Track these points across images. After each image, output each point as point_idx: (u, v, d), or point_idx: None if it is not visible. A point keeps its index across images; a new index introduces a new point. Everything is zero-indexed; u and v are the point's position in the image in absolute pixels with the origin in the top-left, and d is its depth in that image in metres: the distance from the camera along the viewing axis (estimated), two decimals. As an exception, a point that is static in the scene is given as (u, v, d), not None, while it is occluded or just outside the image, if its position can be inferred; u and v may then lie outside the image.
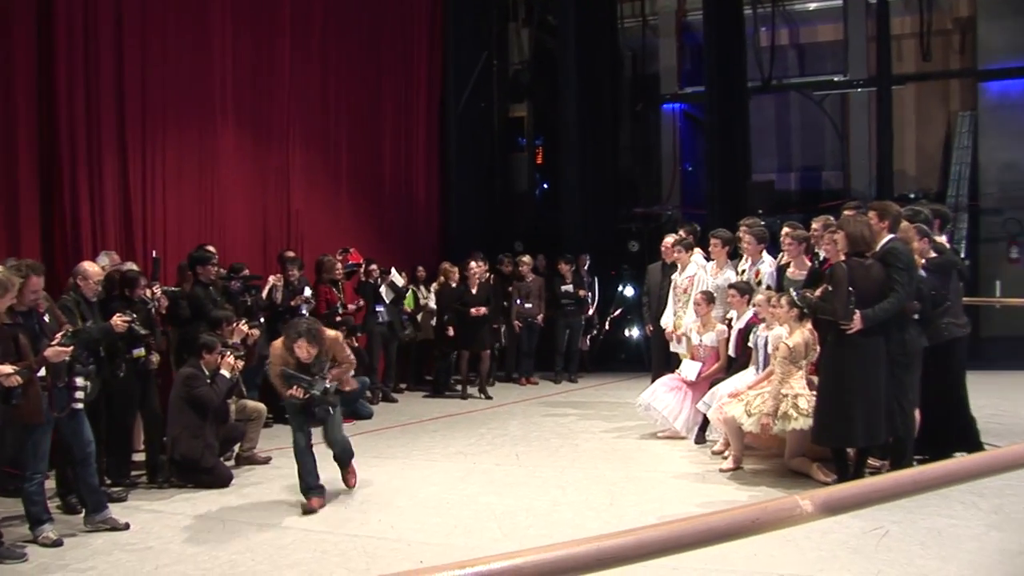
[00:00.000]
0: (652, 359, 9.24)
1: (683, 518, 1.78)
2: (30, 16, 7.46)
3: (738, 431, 6.52)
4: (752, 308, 7.06)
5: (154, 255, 7.49)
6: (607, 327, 12.71)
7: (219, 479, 6.47)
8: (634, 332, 12.93)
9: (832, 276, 5.85)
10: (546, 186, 15.41)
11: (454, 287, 10.72)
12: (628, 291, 12.98)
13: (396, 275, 10.58)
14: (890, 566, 4.46)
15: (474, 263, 10.61)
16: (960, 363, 6.54)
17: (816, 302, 5.97)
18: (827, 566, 4.50)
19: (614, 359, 12.91)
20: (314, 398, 5.76)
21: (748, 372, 6.98)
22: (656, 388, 7.86)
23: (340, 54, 11.20)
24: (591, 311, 12.08)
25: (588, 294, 11.86)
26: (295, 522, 5.56)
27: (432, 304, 11.11)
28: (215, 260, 7.63)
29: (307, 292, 8.96)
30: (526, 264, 11.44)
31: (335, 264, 9.55)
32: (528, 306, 11.37)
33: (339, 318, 9.11)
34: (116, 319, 5.91)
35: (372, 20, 11.86)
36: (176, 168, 8.77)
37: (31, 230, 7.37)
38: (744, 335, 7.18)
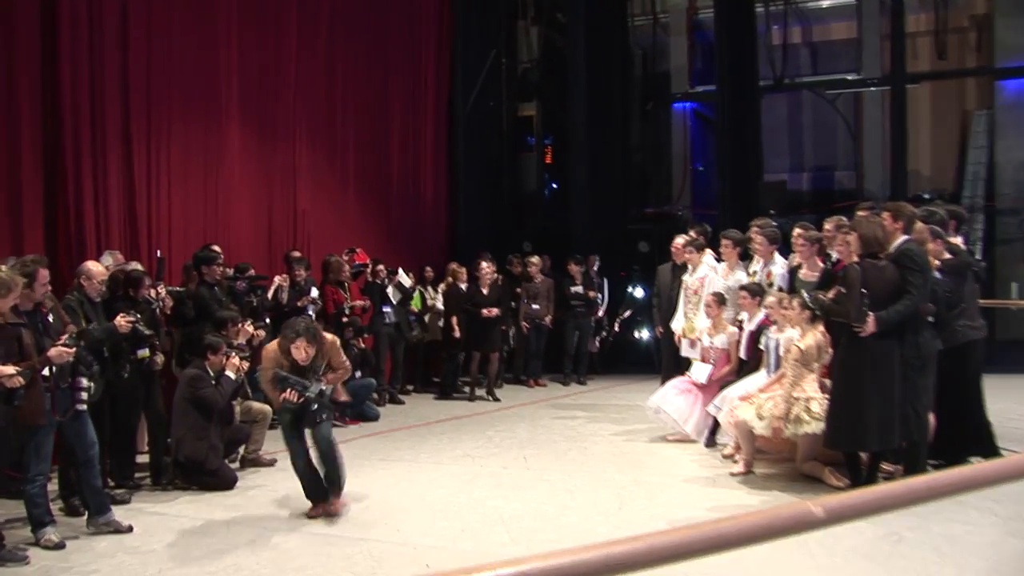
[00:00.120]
0: (662, 361, 9.22)
1: (693, 524, 1.77)
2: (34, 10, 7.47)
3: (749, 435, 6.50)
4: (763, 310, 7.03)
5: (159, 255, 7.51)
6: (616, 329, 12.69)
7: (223, 481, 6.47)
8: (644, 334, 12.90)
9: (845, 278, 5.83)
10: (555, 186, 15.39)
11: (462, 288, 10.73)
12: (638, 292, 12.95)
13: (403, 276, 10.58)
14: (904, 573, 4.43)
15: (485, 263, 10.62)
16: (976, 366, 6.50)
17: (829, 304, 5.96)
18: (839, 573, 4.47)
19: (624, 361, 12.87)
20: (308, 401, 5.58)
21: (759, 375, 6.96)
22: (666, 391, 7.85)
23: (347, 53, 11.20)
24: (600, 312, 12.08)
25: (598, 295, 11.85)
26: (300, 525, 5.56)
27: (440, 305, 11.11)
28: (220, 260, 7.62)
29: (314, 293, 8.97)
30: (535, 265, 11.42)
31: (343, 265, 9.54)
32: (536, 307, 11.36)
33: (346, 319, 9.12)
34: (120, 319, 5.93)
35: (379, 18, 11.87)
36: (181, 167, 8.79)
37: (34, 229, 7.38)
38: (755, 337, 7.16)
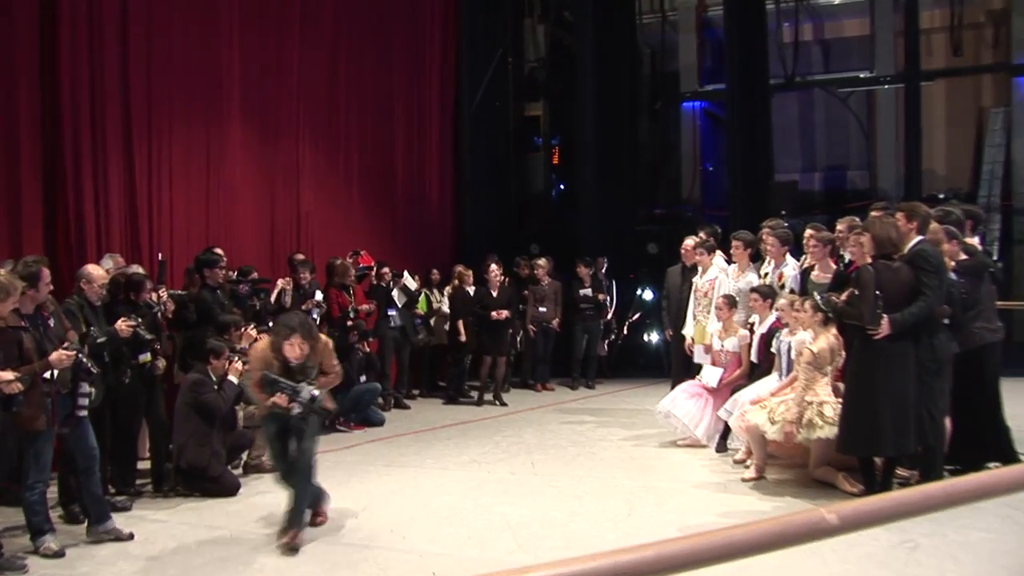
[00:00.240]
0: (672, 365, 9.20)
1: (704, 532, 1.76)
2: (33, 9, 7.48)
3: (761, 439, 6.47)
4: (775, 312, 7.01)
5: (160, 257, 7.53)
6: (625, 332, 12.68)
7: (226, 488, 6.47)
8: (653, 337, 12.88)
9: (858, 279, 5.81)
10: (562, 187, 15.40)
11: (469, 291, 10.73)
12: (647, 295, 12.94)
13: (409, 278, 10.59)
14: (920, 581, 4.41)
15: (494, 265, 10.64)
16: (993, 369, 6.46)
17: (842, 306, 5.93)
18: (854, 581, 4.45)
19: (633, 365, 12.87)
20: (300, 403, 5.26)
21: (771, 378, 6.93)
22: (676, 395, 7.83)
23: (351, 52, 11.22)
24: (609, 315, 12.06)
25: (606, 298, 11.84)
26: (303, 533, 5.54)
27: (446, 308, 11.11)
28: (223, 263, 7.62)
29: (318, 296, 8.96)
30: (542, 267, 11.41)
31: (349, 269, 9.54)
32: (543, 310, 11.35)
33: (350, 322, 9.12)
34: (121, 324, 5.93)
35: (383, 16, 11.89)
36: (183, 168, 8.80)
37: (34, 231, 7.38)
38: (766, 340, 7.13)
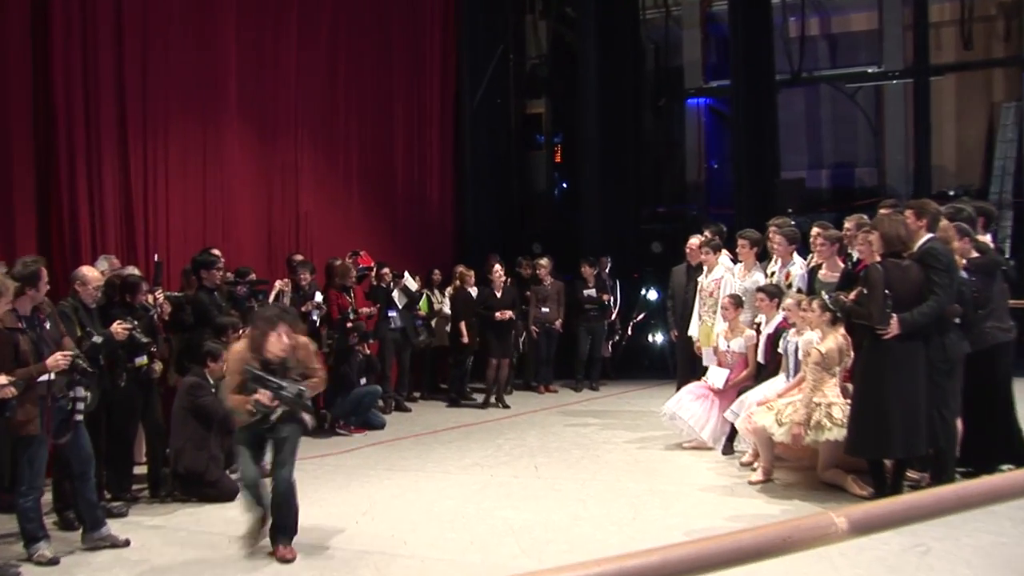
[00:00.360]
0: (677, 366, 9.19)
1: (710, 536, 1.75)
2: (25, 7, 7.45)
3: (768, 441, 6.46)
4: (782, 312, 7.01)
5: (156, 259, 7.51)
6: (630, 332, 12.66)
7: (224, 493, 6.46)
8: (658, 338, 12.87)
9: (867, 278, 5.80)
10: (565, 185, 15.39)
11: (470, 291, 10.72)
12: (651, 295, 12.93)
13: (409, 279, 10.58)
14: (932, 586, 4.40)
15: (497, 265, 10.65)
16: (1005, 369, 6.44)
17: (850, 306, 5.92)
18: (864, 585, 4.44)
19: (637, 366, 12.85)
20: (286, 399, 5.02)
21: (778, 379, 6.93)
22: (682, 396, 7.83)
23: (350, 49, 11.21)
24: (613, 316, 12.05)
25: (610, 298, 11.83)
26: (303, 538, 5.52)
27: (447, 309, 11.10)
28: (220, 264, 7.62)
29: (318, 297, 8.96)
30: (544, 267, 11.40)
31: (350, 269, 9.54)
32: (546, 311, 11.34)
33: (350, 324, 9.12)
34: (116, 326, 5.94)
35: (382, 13, 11.87)
36: (179, 167, 8.79)
37: (27, 233, 7.36)
38: (773, 340, 7.13)
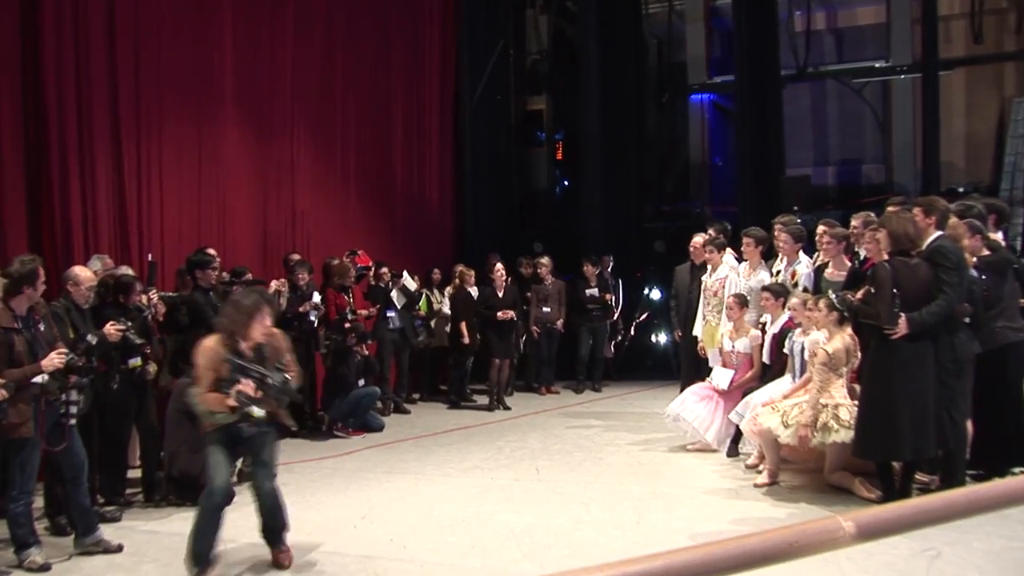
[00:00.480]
0: (681, 366, 9.18)
1: (715, 540, 1.74)
2: (15, 4, 7.43)
3: (774, 443, 6.46)
4: (787, 312, 7.00)
5: (150, 259, 7.50)
6: (632, 333, 12.66)
7: (220, 497, 6.45)
8: (661, 338, 12.86)
9: (874, 277, 5.79)
10: (566, 183, 15.39)
11: (471, 291, 10.72)
12: (654, 294, 12.93)
13: (408, 279, 10.58)
14: (942, 591, 4.39)
15: (499, 264, 10.66)
16: (1016, 370, 6.42)
17: (858, 305, 5.91)
18: (872, 591, 4.43)
19: (640, 367, 12.86)
20: (271, 389, 4.75)
21: (784, 380, 6.93)
22: (685, 397, 7.83)
23: (347, 46, 11.21)
24: (615, 316, 12.04)
25: (612, 298, 11.82)
26: (301, 542, 5.52)
27: (447, 309, 11.10)
28: (216, 264, 7.59)
29: (316, 298, 8.96)
30: (545, 266, 11.40)
31: (349, 269, 9.53)
32: (547, 310, 11.34)
33: (348, 324, 9.11)
34: (109, 327, 5.92)
35: (381, 8, 11.89)
36: (174, 166, 8.79)
37: (17, 232, 7.34)
38: (779, 340, 7.13)
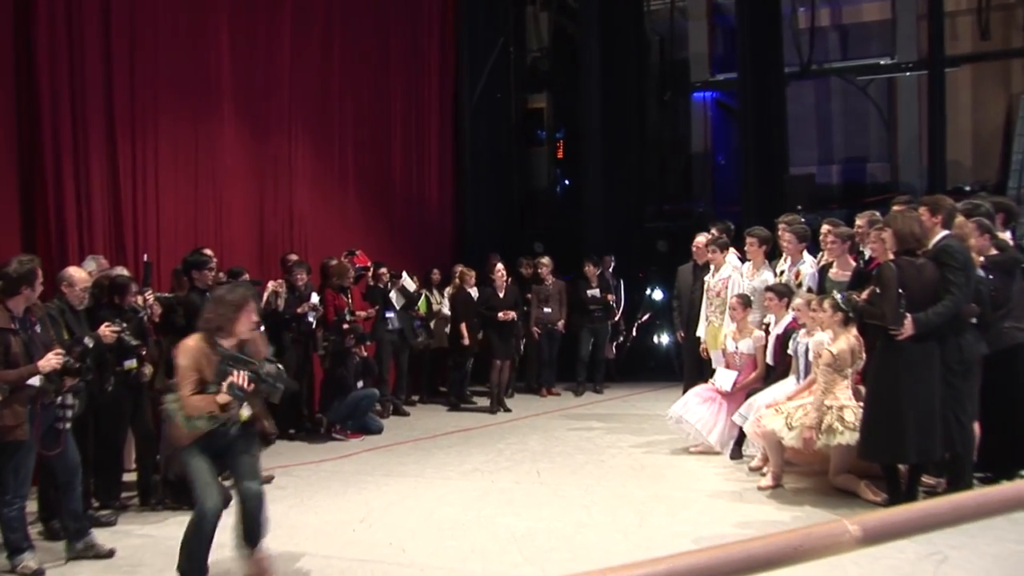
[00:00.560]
0: (684, 368, 9.17)
1: (719, 544, 1.73)
2: (8, 3, 7.40)
3: (778, 446, 6.44)
4: (791, 312, 6.99)
5: (145, 259, 7.49)
6: (634, 333, 12.65)
7: (216, 500, 6.43)
8: (664, 339, 12.86)
9: (880, 277, 5.77)
10: (567, 182, 15.39)
11: (471, 292, 10.71)
12: (657, 295, 12.92)
13: (407, 279, 10.56)
14: (949, 595, 4.37)
15: (500, 265, 10.66)
16: (1025, 371, 6.42)
17: (863, 305, 5.90)
18: (878, 595, 4.41)
19: (642, 368, 12.86)
20: (266, 383, 4.59)
21: (788, 382, 6.91)
22: (688, 399, 7.82)
23: (345, 43, 11.19)
24: (617, 316, 12.03)
25: (614, 298, 11.81)
26: (298, 547, 5.52)
27: (446, 310, 11.09)
28: (212, 264, 7.57)
29: (314, 299, 8.94)
30: (545, 266, 11.40)
31: (348, 270, 9.52)
32: (548, 311, 11.33)
33: (346, 325, 9.10)
34: (105, 329, 5.90)
35: (379, 4, 11.87)
36: (170, 165, 8.77)
37: (10, 232, 7.32)
38: (783, 341, 7.12)
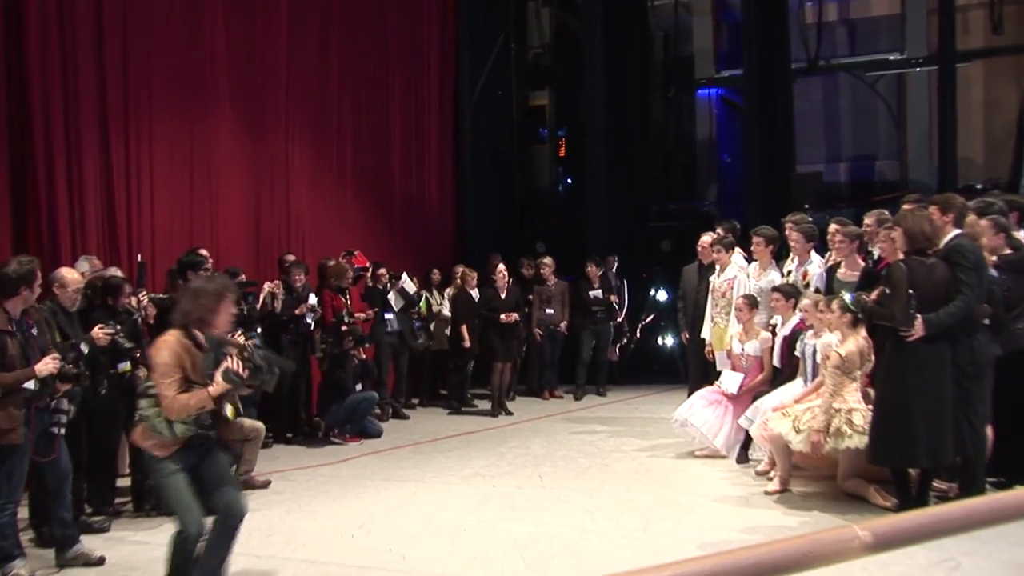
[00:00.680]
0: (689, 370, 9.15)
1: (726, 550, 1.71)
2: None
3: (785, 449, 6.42)
4: (799, 313, 6.97)
5: (139, 259, 7.47)
6: (638, 335, 12.63)
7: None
8: (668, 340, 12.84)
9: (889, 277, 5.75)
10: (570, 181, 15.38)
11: (471, 293, 10.70)
12: (661, 295, 12.90)
13: (407, 280, 10.55)
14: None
15: (502, 265, 10.66)
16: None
17: (872, 306, 5.88)
18: (888, 602, 4.39)
19: (647, 370, 12.84)
20: (259, 371, 4.45)
21: (795, 384, 6.90)
22: (693, 402, 7.80)
23: (343, 39, 11.20)
24: (620, 317, 12.01)
25: (617, 299, 11.80)
26: (295, 552, 5.51)
27: (446, 311, 11.08)
28: (208, 265, 7.59)
29: (312, 300, 8.94)
30: (547, 267, 11.38)
31: (346, 270, 9.52)
32: (550, 312, 11.31)
33: (345, 327, 9.09)
34: (98, 331, 5.89)
35: (377, 0, 11.86)
36: (164, 164, 8.78)
37: (1, 232, 7.33)
38: (790, 343, 7.10)
